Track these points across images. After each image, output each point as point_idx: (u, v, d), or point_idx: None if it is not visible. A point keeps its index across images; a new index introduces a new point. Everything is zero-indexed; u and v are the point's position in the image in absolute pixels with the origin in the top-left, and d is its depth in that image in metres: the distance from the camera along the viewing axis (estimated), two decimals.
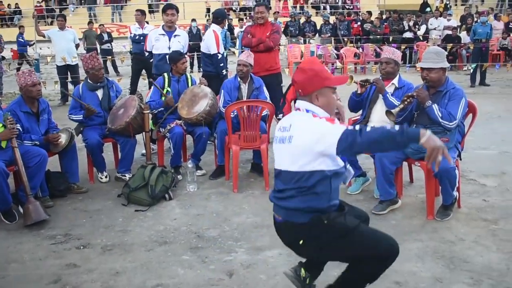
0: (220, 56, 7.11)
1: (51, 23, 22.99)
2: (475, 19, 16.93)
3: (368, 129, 2.56)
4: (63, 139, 5.37)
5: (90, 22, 17.29)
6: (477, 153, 6.62)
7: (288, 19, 19.61)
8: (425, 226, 4.48)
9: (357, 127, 2.58)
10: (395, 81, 5.14)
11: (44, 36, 11.50)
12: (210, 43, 7.11)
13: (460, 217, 4.63)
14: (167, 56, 6.61)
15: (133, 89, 9.62)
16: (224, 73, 7.13)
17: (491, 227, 4.41)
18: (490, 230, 4.37)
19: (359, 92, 5.08)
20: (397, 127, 2.54)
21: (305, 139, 2.72)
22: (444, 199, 4.59)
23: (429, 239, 4.20)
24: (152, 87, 6.18)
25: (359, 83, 5.04)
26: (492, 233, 4.30)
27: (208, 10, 24.10)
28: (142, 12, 10.33)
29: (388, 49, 5.30)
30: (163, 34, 7.01)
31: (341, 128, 2.62)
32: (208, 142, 6.15)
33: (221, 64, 7.13)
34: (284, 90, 6.52)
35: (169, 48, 6.88)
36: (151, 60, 7.25)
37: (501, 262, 3.80)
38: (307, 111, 2.83)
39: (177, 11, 7.10)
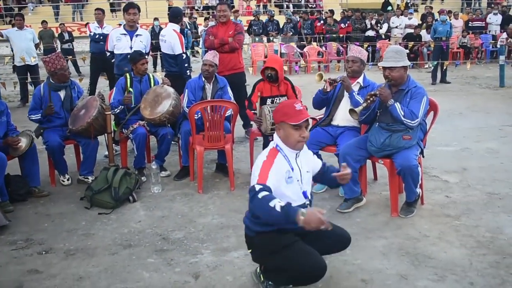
0: (184, 56, 7.04)
1: (10, 22, 22.40)
2: (435, 18, 17.23)
3: (260, 196, 2.85)
4: (23, 143, 5.23)
5: (44, 21, 16.80)
6: (439, 150, 6.74)
7: (251, 17, 19.59)
8: (389, 223, 4.53)
9: (258, 188, 2.90)
10: (360, 80, 5.18)
11: (2, 36, 11.21)
12: (174, 43, 7.01)
13: (424, 214, 4.70)
14: (128, 56, 6.51)
15: (92, 89, 9.47)
16: (188, 74, 7.06)
17: (454, 223, 4.49)
18: (453, 226, 4.44)
19: (328, 90, 5.09)
20: (279, 208, 2.75)
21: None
22: (407, 196, 4.65)
23: (394, 236, 4.25)
24: (115, 87, 6.08)
25: (328, 81, 5.05)
26: (455, 229, 4.37)
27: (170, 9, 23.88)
28: (103, 11, 10.17)
29: (355, 48, 5.33)
30: (124, 34, 6.90)
31: (255, 180, 2.98)
32: (172, 142, 6.09)
33: (186, 65, 7.07)
34: (248, 89, 6.50)
35: (131, 48, 6.79)
36: (112, 60, 7.13)
37: (464, 258, 3.86)
38: (273, 139, 3.28)
39: (139, 10, 7.00)
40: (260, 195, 2.85)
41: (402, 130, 4.45)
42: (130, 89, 5.94)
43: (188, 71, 7.07)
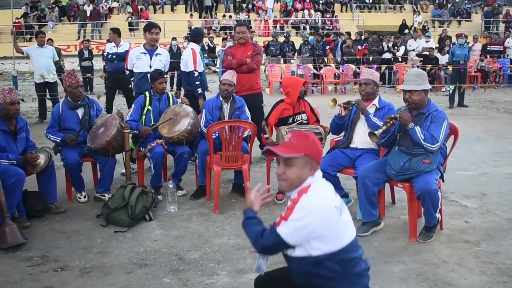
0: (196, 74, 7.09)
1: (30, 40, 22.76)
2: (453, 41, 17.20)
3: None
4: (42, 160, 5.25)
5: (49, 39, 16.48)
6: (457, 174, 6.66)
7: (270, 38, 19.70)
8: (408, 248, 4.46)
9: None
10: (376, 101, 5.16)
11: (22, 53, 11.36)
12: (187, 60, 7.16)
13: (443, 239, 4.63)
14: (148, 75, 6.56)
15: (109, 108, 9.53)
16: (199, 92, 7.09)
17: (474, 249, 4.42)
18: (473, 252, 4.37)
19: (343, 114, 5.08)
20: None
21: None
22: (426, 221, 4.59)
23: (412, 261, 4.18)
24: (133, 104, 6.11)
25: (343, 105, 5.04)
26: (474, 255, 4.30)
27: (190, 29, 24.14)
28: (115, 31, 10.26)
29: (366, 70, 5.33)
30: (144, 53, 6.96)
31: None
32: (189, 162, 6.08)
33: (197, 82, 7.11)
34: (265, 109, 6.51)
35: (150, 66, 6.84)
36: (131, 79, 7.18)
37: (485, 285, 3.79)
38: None
39: (160, 30, 7.07)
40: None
41: (422, 154, 4.41)
42: (149, 108, 5.96)
43: (199, 89, 7.09)
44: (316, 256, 2.55)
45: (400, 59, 17.69)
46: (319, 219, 2.48)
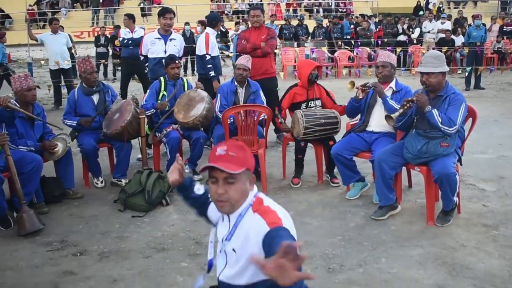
0: (208, 57, 7.08)
1: (43, 27, 22.80)
2: (469, 23, 16.97)
3: None
4: (60, 148, 5.29)
5: (60, 27, 15.62)
6: (475, 157, 6.60)
7: (282, 22, 19.56)
8: (426, 231, 4.44)
9: None
10: (393, 84, 5.12)
11: (36, 40, 11.40)
12: (200, 44, 7.19)
13: (461, 223, 4.60)
14: (162, 60, 6.56)
15: (123, 94, 9.56)
16: (211, 75, 7.08)
17: (492, 233, 4.38)
18: (491, 236, 4.33)
19: (360, 97, 5.05)
20: None
21: None
22: (444, 205, 4.55)
23: (430, 245, 4.16)
24: (149, 90, 6.12)
25: (360, 88, 5.01)
26: (493, 239, 4.26)
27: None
28: (130, 17, 10.25)
29: (384, 52, 5.27)
30: (159, 38, 6.96)
31: None
32: (205, 146, 6.09)
33: (209, 66, 7.10)
34: (279, 93, 6.48)
35: (165, 52, 6.84)
36: (146, 64, 7.19)
37: (504, 269, 3.76)
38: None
39: (174, 15, 7.06)
40: None
41: (439, 137, 4.37)
42: (164, 93, 5.97)
43: (211, 72, 7.08)
44: None
45: (415, 41, 17.50)
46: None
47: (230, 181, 2.19)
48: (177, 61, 6.07)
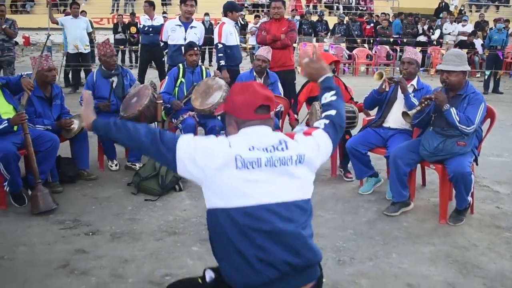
0: (220, 46, 7.08)
1: (64, 11, 22.94)
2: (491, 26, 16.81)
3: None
4: (75, 125, 5.33)
5: (82, 11, 15.48)
6: (490, 160, 6.55)
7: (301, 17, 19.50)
8: (438, 230, 4.42)
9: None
10: (414, 82, 5.09)
11: (57, 23, 11.48)
12: (215, 33, 7.20)
13: (473, 223, 4.57)
14: (182, 47, 6.58)
15: (141, 81, 9.61)
16: (221, 64, 7.06)
17: (505, 235, 4.36)
18: (504, 237, 4.31)
19: (386, 89, 5.02)
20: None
21: None
22: (458, 204, 4.53)
23: (442, 243, 4.15)
24: (167, 76, 6.14)
25: (387, 80, 4.98)
26: (506, 241, 4.24)
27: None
28: (150, 3, 10.29)
29: (411, 49, 5.24)
30: (179, 25, 6.98)
31: None
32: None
33: (219, 55, 7.09)
34: (297, 87, 6.48)
35: (185, 39, 6.86)
36: (165, 51, 7.22)
37: None
38: None
39: (196, 3, 7.07)
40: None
41: (457, 135, 4.34)
42: (182, 80, 5.98)
43: (221, 61, 7.06)
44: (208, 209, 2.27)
45: (435, 43, 17.36)
46: (203, 149, 2.22)
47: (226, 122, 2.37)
48: (195, 48, 6.07)
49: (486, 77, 12.70)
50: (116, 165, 5.90)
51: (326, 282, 3.44)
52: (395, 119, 5.05)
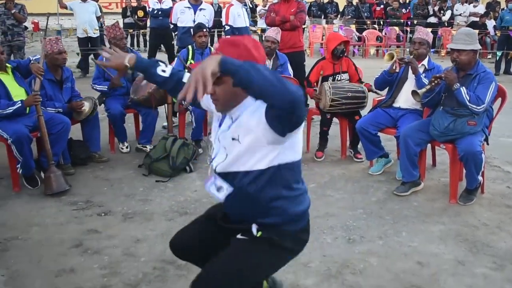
0: (227, 28, 7.12)
1: None
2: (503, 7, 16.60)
3: None
4: (86, 107, 5.37)
5: None
6: (502, 141, 6.52)
7: None
8: (448, 209, 4.43)
9: None
10: (425, 62, 5.07)
11: (66, 8, 11.48)
12: (222, 16, 7.29)
13: (484, 203, 4.57)
14: (191, 29, 6.59)
15: None
16: None
17: None
18: None
19: (397, 70, 5.01)
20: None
21: None
22: (468, 183, 4.52)
23: (452, 223, 4.16)
24: (175, 59, 6.16)
25: (398, 61, 4.97)
26: None
27: None
28: None
29: (422, 29, 5.19)
30: (188, 7, 6.98)
31: None
32: None
33: (227, 36, 7.10)
34: (306, 69, 6.46)
35: (194, 21, 6.85)
36: (175, 33, 7.24)
37: None
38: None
39: None
40: None
41: (467, 115, 4.33)
42: (192, 61, 6.00)
43: None
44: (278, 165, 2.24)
45: (445, 24, 17.19)
46: None
47: (216, 82, 2.04)
48: (204, 30, 6.07)
49: (497, 58, 12.57)
50: (127, 147, 5.94)
51: (336, 260, 3.50)
52: (405, 99, 5.04)
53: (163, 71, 2.42)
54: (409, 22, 16.88)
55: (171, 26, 7.28)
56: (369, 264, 3.49)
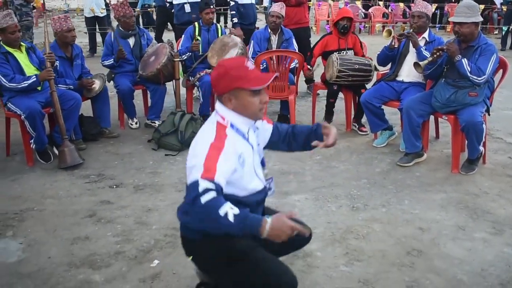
0: (232, 3, 7.16)
1: None
2: None
3: (204, 200, 2.03)
4: (97, 85, 5.49)
5: None
6: (505, 114, 6.60)
7: None
8: (449, 179, 4.54)
9: (203, 188, 2.05)
10: (426, 35, 5.14)
11: None
12: None
13: (485, 172, 4.68)
14: (185, 5, 6.70)
15: (158, 42, 9.70)
16: (234, 21, 7.17)
17: None
18: None
19: (396, 46, 5.09)
20: (231, 217, 2.02)
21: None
22: (469, 153, 4.63)
23: (453, 191, 4.27)
24: (183, 35, 6.25)
25: (396, 37, 5.05)
26: None
27: None
28: None
29: (421, 2, 5.25)
30: None
31: (197, 171, 2.11)
32: None
33: (232, 12, 7.20)
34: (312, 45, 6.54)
35: None
36: (172, 11, 7.33)
37: None
38: (216, 112, 2.40)
39: None
40: (206, 198, 2.03)
41: (468, 86, 4.41)
42: (198, 38, 6.09)
43: (234, 19, 7.16)
44: None
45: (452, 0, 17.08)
46: None
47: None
48: (212, 6, 6.16)
49: (503, 33, 12.55)
50: (136, 123, 6.07)
51: (340, 227, 3.64)
52: (408, 72, 5.12)
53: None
54: None
55: (167, 4, 7.38)
56: (372, 230, 3.62)
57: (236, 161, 2.27)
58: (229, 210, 2.03)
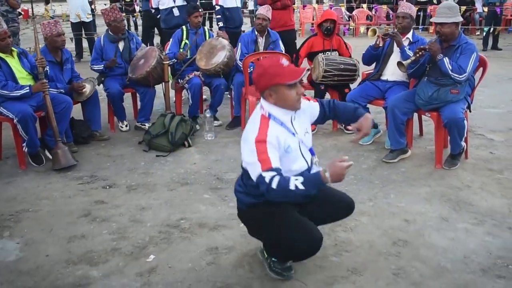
0: (217, 8, 7.27)
1: None
2: None
3: (275, 185, 2.51)
4: (87, 89, 5.58)
5: None
6: (486, 111, 6.78)
7: None
8: (433, 173, 4.69)
9: (269, 178, 2.54)
10: (410, 35, 5.30)
11: None
12: None
13: (467, 167, 4.83)
14: (173, 9, 6.80)
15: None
16: (219, 25, 7.26)
17: (497, 176, 4.62)
18: (495, 179, 4.57)
19: (380, 45, 5.24)
20: (301, 186, 2.50)
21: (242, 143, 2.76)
22: (452, 149, 4.79)
23: (437, 185, 4.42)
24: (171, 39, 6.35)
25: (381, 36, 5.20)
26: (497, 182, 4.50)
27: None
28: None
29: (405, 4, 5.42)
30: None
31: (257, 168, 2.58)
32: (225, 93, 6.33)
33: (217, 16, 7.30)
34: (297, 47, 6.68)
35: (174, 1, 7.07)
36: (158, 16, 7.43)
37: (504, 206, 4.01)
38: (261, 107, 2.78)
39: None
40: (274, 184, 2.52)
41: (450, 84, 4.57)
42: (186, 41, 6.20)
43: (219, 23, 7.27)
44: None
45: (435, 1, 17.35)
46: None
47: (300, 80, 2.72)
48: (200, 10, 6.28)
49: (484, 33, 12.81)
50: (126, 126, 6.16)
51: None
52: (392, 72, 5.28)
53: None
54: (398, 1, 17.03)
55: (153, 11, 7.49)
56: (359, 222, 3.75)
57: (280, 146, 2.67)
58: (296, 182, 2.51)
